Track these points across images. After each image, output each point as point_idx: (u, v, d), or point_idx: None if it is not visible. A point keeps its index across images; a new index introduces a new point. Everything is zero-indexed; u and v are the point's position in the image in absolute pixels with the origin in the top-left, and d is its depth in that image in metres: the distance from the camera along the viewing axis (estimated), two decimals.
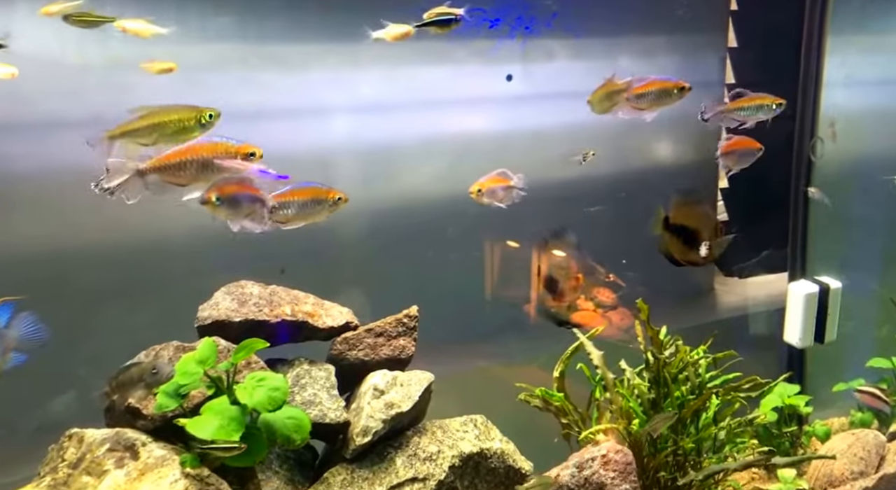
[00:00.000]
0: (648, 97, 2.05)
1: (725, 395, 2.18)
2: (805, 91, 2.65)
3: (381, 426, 1.79)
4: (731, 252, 2.96)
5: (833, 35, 2.66)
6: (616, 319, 2.82)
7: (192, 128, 1.64)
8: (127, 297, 2.03)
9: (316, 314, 1.86)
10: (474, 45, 2.50)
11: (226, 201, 1.61)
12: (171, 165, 1.58)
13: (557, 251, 2.52)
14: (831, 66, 2.68)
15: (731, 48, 2.89)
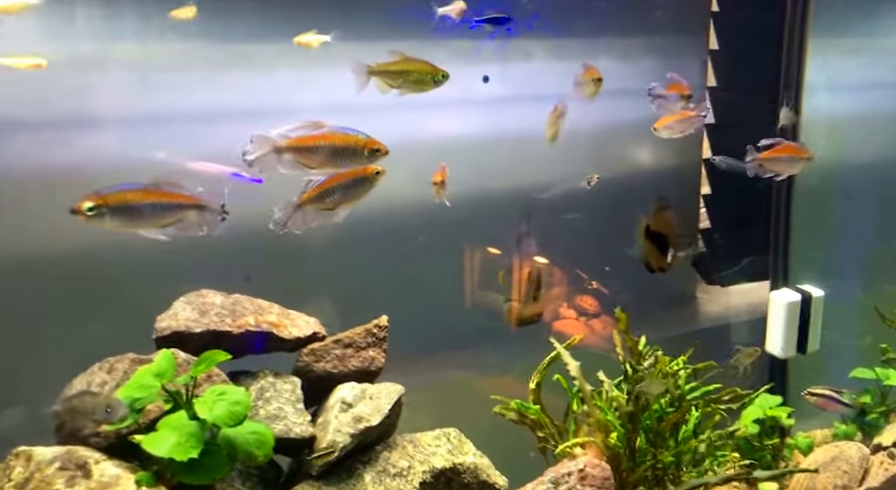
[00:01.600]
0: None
1: (705, 407, 2.22)
2: (786, 95, 2.71)
3: (349, 441, 1.80)
4: (713, 260, 3.04)
5: (815, 37, 2.72)
6: (598, 328, 2.86)
7: (427, 82, 1.92)
8: (80, 306, 2.01)
9: (281, 324, 1.87)
10: (452, 45, 2.52)
11: (110, 211, 1.58)
12: (305, 147, 1.73)
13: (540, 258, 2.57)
14: (813, 68, 2.74)
15: (712, 50, 2.94)
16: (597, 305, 2.85)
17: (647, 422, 2.15)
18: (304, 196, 1.77)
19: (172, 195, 1.63)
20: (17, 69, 1.76)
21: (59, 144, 1.95)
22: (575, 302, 2.84)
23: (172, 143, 2.12)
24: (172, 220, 1.63)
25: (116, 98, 2.04)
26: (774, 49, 2.77)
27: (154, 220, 1.61)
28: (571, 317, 2.85)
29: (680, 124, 2.30)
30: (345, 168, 1.78)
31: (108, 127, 2.06)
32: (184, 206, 1.64)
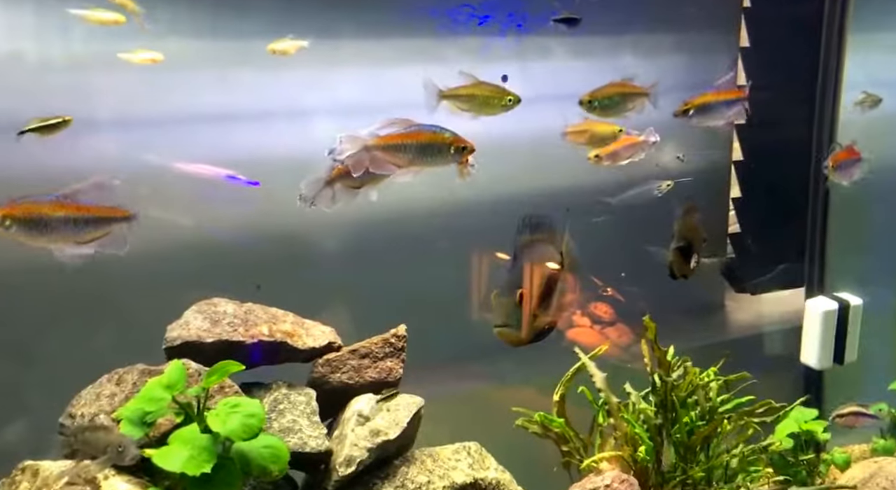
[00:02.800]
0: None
1: (738, 421, 2.19)
2: (824, 93, 2.66)
3: (367, 455, 1.78)
4: (743, 266, 3.00)
5: (854, 32, 2.66)
6: (614, 336, 2.82)
7: (496, 105, 2.00)
8: (88, 315, 2.01)
9: (295, 334, 1.86)
10: (465, 43, 2.50)
11: (17, 223, 1.52)
12: (393, 145, 1.78)
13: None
14: (851, 65, 2.69)
15: (743, 47, 2.90)
16: (612, 313, 2.82)
17: (677, 435, 2.13)
18: (334, 172, 1.80)
19: (90, 208, 1.56)
20: (134, 64, 1.84)
21: (60, 146, 1.95)
22: (589, 309, 2.80)
23: (177, 145, 2.12)
24: (93, 236, 1.56)
25: (122, 98, 2.04)
26: (809, 45, 2.72)
27: (69, 235, 1.54)
28: (585, 325, 2.82)
29: (627, 150, 2.21)
30: (431, 166, 1.82)
31: (111, 128, 2.05)
32: (103, 220, 1.57)
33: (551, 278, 1.58)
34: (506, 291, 1.45)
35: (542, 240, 1.64)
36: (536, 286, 1.56)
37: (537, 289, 1.56)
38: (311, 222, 2.36)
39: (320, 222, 2.37)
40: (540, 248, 1.66)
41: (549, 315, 1.57)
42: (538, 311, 1.53)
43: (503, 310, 1.46)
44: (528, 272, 1.58)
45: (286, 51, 1.98)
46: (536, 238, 1.65)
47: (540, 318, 1.51)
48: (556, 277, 1.65)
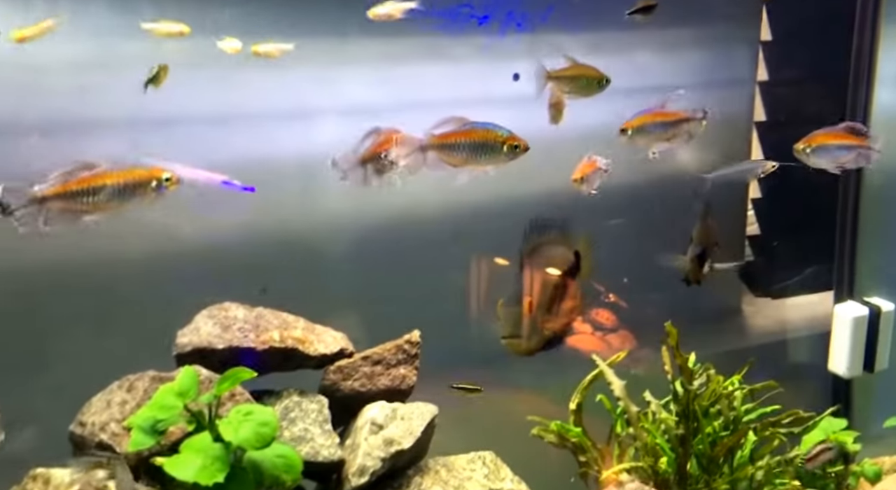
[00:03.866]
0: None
1: (763, 431, 2.23)
2: (856, 89, 2.67)
3: (380, 465, 1.84)
4: (763, 269, 3.03)
5: (889, 24, 2.65)
6: (616, 343, 2.86)
7: (594, 87, 2.11)
8: (97, 320, 2.08)
9: (307, 340, 1.93)
10: (475, 42, 2.56)
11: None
12: (448, 144, 1.87)
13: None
14: (884, 60, 2.68)
15: (764, 42, 2.93)
16: (614, 319, 2.85)
17: (700, 446, 2.18)
18: (367, 152, 1.90)
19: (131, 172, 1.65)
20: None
21: (61, 147, 2.02)
22: (590, 316, 2.84)
23: (178, 146, 2.17)
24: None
25: (124, 99, 2.10)
26: (835, 40, 2.73)
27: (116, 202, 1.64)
28: (586, 332, 2.86)
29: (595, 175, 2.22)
30: (485, 164, 1.91)
31: (112, 129, 2.12)
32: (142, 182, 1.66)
33: (560, 284, 1.59)
34: (513, 300, 1.48)
35: (551, 243, 1.66)
36: (544, 293, 1.58)
37: (545, 296, 1.57)
38: (318, 224, 2.41)
39: (327, 224, 2.43)
40: (548, 252, 1.67)
41: (558, 323, 1.59)
42: (547, 319, 1.55)
43: (510, 320, 1.48)
44: (535, 279, 1.59)
45: (270, 53, 2.03)
46: (545, 242, 1.67)
47: (549, 326, 1.53)
48: (566, 283, 1.66)
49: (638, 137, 2.15)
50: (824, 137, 2.24)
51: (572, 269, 1.62)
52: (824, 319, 2.78)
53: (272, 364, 1.90)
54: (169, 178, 1.69)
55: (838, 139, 2.24)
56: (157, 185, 1.68)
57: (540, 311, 1.48)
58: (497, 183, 2.22)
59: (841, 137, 2.25)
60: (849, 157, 2.26)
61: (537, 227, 1.71)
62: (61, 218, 1.62)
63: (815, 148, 2.22)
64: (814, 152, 2.22)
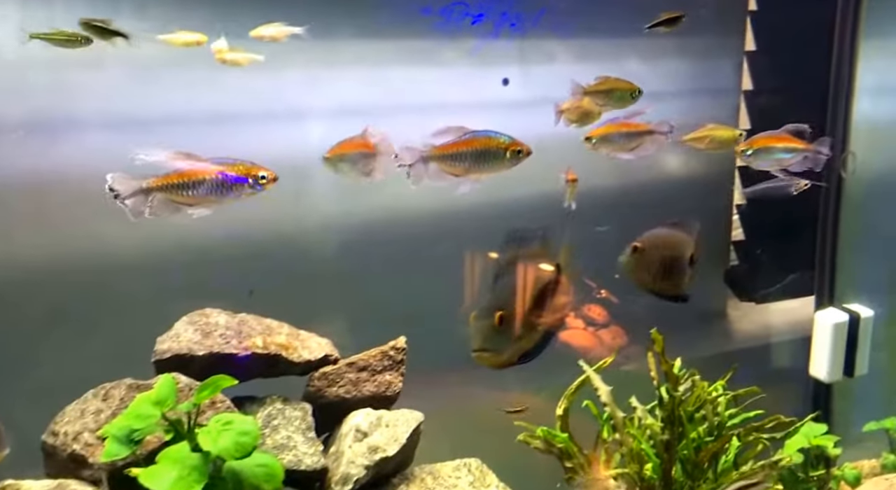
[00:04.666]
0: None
1: (747, 436, 2.14)
2: (836, 100, 2.62)
3: (364, 473, 1.74)
4: (747, 275, 2.95)
5: (867, 37, 2.62)
6: (607, 338, 2.78)
7: (627, 98, 2.06)
8: (73, 326, 1.95)
9: (291, 346, 1.80)
10: (464, 46, 2.47)
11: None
12: (448, 155, 1.81)
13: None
14: (863, 71, 2.65)
15: (748, 52, 2.87)
16: (605, 315, 2.78)
17: (685, 452, 2.08)
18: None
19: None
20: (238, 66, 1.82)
21: (49, 147, 1.90)
22: (582, 311, 2.77)
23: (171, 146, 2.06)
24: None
25: (112, 99, 1.99)
26: (818, 50, 2.69)
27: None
28: (579, 327, 2.79)
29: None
30: (488, 172, 1.83)
31: (102, 128, 2.00)
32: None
33: (539, 297, 1.44)
34: (484, 313, 1.33)
35: (529, 256, 1.51)
36: (520, 306, 1.43)
37: (521, 308, 1.43)
38: (307, 226, 2.31)
39: (317, 226, 2.33)
40: (526, 265, 1.51)
41: (534, 337, 1.44)
42: (523, 333, 1.39)
43: (481, 333, 1.33)
44: (509, 292, 1.44)
45: (276, 37, 1.92)
46: (522, 254, 1.51)
47: (525, 340, 1.38)
48: (545, 296, 1.51)
49: (602, 145, 2.09)
50: (766, 140, 2.15)
51: (552, 282, 1.47)
52: (806, 324, 2.71)
53: (255, 371, 1.76)
54: (265, 176, 1.67)
55: (781, 142, 2.15)
56: (254, 183, 1.66)
57: (515, 323, 1.33)
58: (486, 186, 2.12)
59: (784, 140, 2.15)
60: (792, 160, 2.17)
61: (514, 238, 1.53)
62: (165, 208, 1.64)
63: (757, 150, 2.10)
64: (755, 155, 2.10)
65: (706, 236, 3.00)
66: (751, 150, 2.12)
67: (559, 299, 1.47)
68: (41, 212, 1.91)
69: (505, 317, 1.31)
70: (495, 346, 1.30)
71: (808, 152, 2.16)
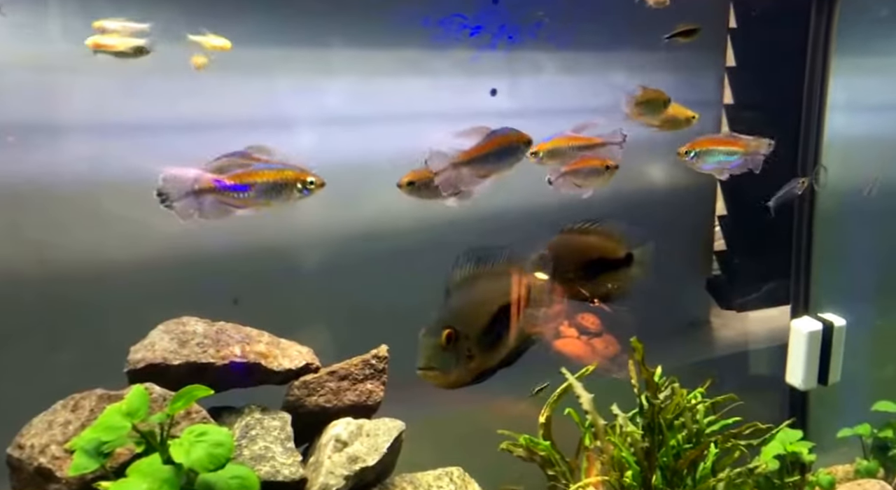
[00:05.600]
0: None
1: (725, 443, 2.03)
2: (808, 115, 2.54)
3: (343, 483, 1.60)
4: (729, 284, 2.85)
5: (838, 55, 2.55)
6: (600, 347, 2.67)
7: (661, 107, 2.02)
8: (43, 334, 1.80)
9: (270, 355, 1.66)
10: (455, 56, 2.35)
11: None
12: (478, 158, 1.71)
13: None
14: (835, 88, 2.58)
15: (729, 67, 2.79)
16: (598, 324, 2.67)
17: (664, 459, 1.95)
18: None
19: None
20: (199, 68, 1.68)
21: (29, 153, 1.76)
22: (576, 320, 2.67)
23: (157, 153, 1.93)
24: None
25: (100, 104, 1.85)
26: (794, 67, 2.61)
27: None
28: (572, 336, 2.68)
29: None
30: (509, 168, 1.75)
31: (85, 135, 1.87)
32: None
33: (497, 317, 1.25)
34: (432, 330, 1.18)
35: (489, 274, 1.31)
36: (476, 324, 1.23)
37: (477, 327, 1.23)
38: (292, 236, 2.18)
39: (302, 237, 2.20)
40: (486, 283, 1.31)
41: (492, 357, 1.24)
42: (476, 352, 1.20)
43: (427, 351, 1.16)
44: (464, 309, 1.24)
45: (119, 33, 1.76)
46: (482, 273, 1.32)
47: (477, 360, 1.19)
48: (506, 315, 1.30)
49: (549, 159, 1.95)
50: (708, 142, 2.04)
51: (518, 301, 1.30)
52: (785, 333, 2.62)
53: (233, 380, 1.61)
54: (313, 181, 1.59)
55: (722, 144, 2.05)
56: (302, 187, 1.58)
57: (465, 343, 1.16)
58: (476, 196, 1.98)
59: (725, 143, 2.05)
60: (733, 162, 2.07)
61: (471, 256, 1.35)
62: (215, 210, 1.53)
63: (699, 152, 2.00)
64: (697, 157, 1.99)
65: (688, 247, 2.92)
66: (693, 152, 2.00)
67: (526, 318, 1.29)
68: (19, 219, 1.76)
69: (453, 335, 1.14)
70: (441, 365, 1.13)
71: (747, 154, 2.06)
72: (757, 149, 2.02)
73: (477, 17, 2.33)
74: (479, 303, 1.21)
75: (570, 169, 1.99)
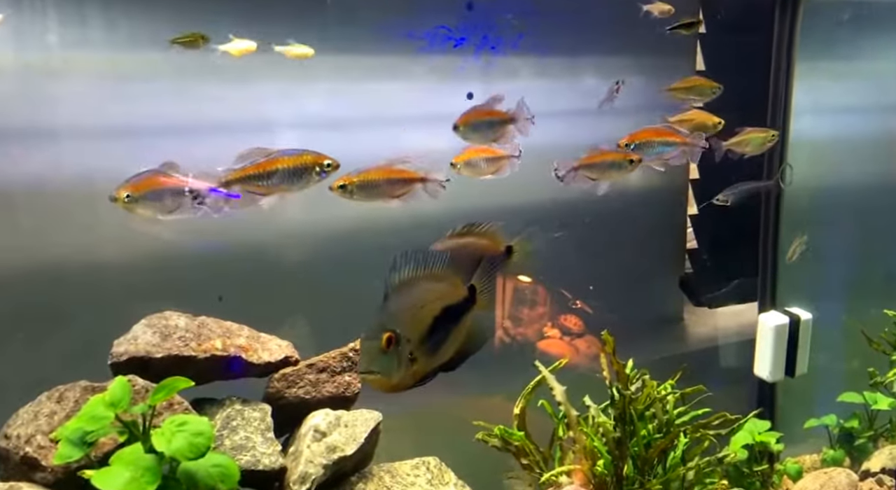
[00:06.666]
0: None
1: (694, 433, 2.09)
2: (774, 117, 2.62)
3: (322, 472, 1.65)
4: (700, 281, 2.92)
5: (801, 60, 2.63)
6: (583, 347, 2.73)
7: (708, 93, 2.21)
8: (28, 328, 1.84)
9: (251, 348, 1.71)
10: (433, 62, 2.41)
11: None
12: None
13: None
14: (799, 92, 2.66)
15: (699, 71, 2.86)
16: (581, 325, 2.73)
17: (635, 448, 2.01)
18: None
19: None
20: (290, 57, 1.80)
21: (18, 156, 1.80)
22: (559, 321, 2.73)
23: (141, 157, 1.97)
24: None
25: (81, 109, 1.89)
26: (761, 71, 2.69)
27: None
28: (556, 336, 2.74)
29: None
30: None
31: (71, 139, 1.91)
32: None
33: (440, 319, 1.22)
34: (372, 334, 1.14)
35: (430, 276, 1.28)
36: (418, 328, 1.20)
37: (419, 330, 1.20)
38: (275, 235, 2.23)
39: (284, 235, 2.25)
40: (426, 283, 1.27)
41: (435, 360, 1.22)
42: (419, 355, 1.18)
43: (367, 354, 1.13)
44: (403, 313, 1.21)
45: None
46: (422, 276, 1.28)
47: (421, 363, 1.15)
48: (450, 318, 1.26)
49: (466, 170, 2.07)
50: (647, 134, 2.10)
51: (463, 304, 1.27)
52: (752, 327, 2.68)
53: (214, 372, 1.66)
54: (329, 163, 1.68)
55: (661, 136, 2.11)
56: (320, 170, 1.68)
57: (407, 346, 1.14)
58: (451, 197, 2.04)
59: (664, 134, 2.12)
60: (673, 154, 2.14)
61: (410, 258, 1.31)
62: (242, 199, 1.64)
63: (639, 144, 2.06)
64: (637, 148, 2.05)
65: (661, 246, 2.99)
66: (633, 143, 2.07)
67: (473, 322, 1.27)
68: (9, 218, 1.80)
69: (393, 339, 1.12)
70: (382, 368, 1.11)
71: (685, 145, 2.13)
72: (695, 140, 2.08)
73: (459, 29, 2.40)
74: (420, 305, 1.20)
75: (585, 162, 2.06)
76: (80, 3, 1.80)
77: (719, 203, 2.40)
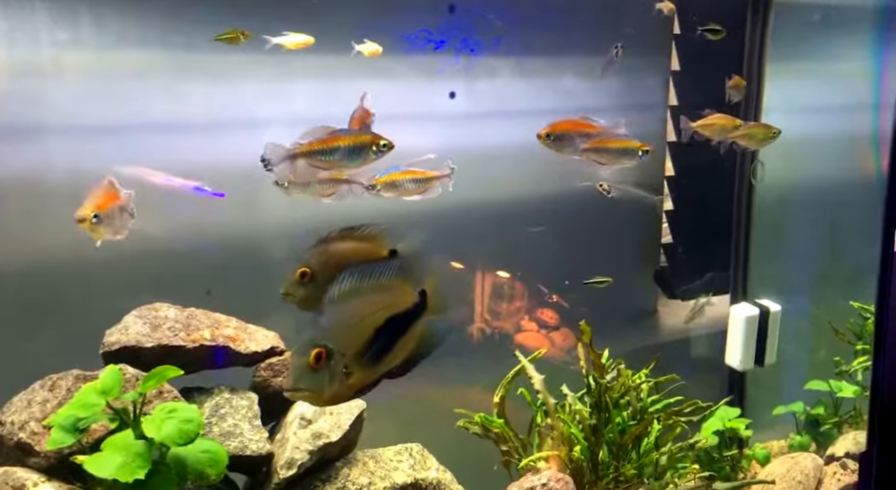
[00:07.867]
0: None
1: (667, 420, 2.16)
2: (747, 115, 2.70)
3: (308, 458, 1.70)
4: (673, 275, 3.00)
5: (772, 61, 2.71)
6: (559, 340, 2.79)
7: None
8: (22, 319, 1.87)
9: (238, 338, 1.76)
10: (415, 61, 2.45)
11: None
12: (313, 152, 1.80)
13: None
14: (770, 91, 2.73)
15: (674, 71, 2.92)
16: (557, 318, 2.79)
17: (610, 435, 2.08)
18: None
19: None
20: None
21: (8, 154, 1.82)
22: (536, 314, 2.78)
23: (129, 156, 2.00)
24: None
25: (70, 107, 1.92)
26: (734, 70, 2.76)
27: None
28: (532, 329, 2.80)
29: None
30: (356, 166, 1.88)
31: (61, 137, 1.93)
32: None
33: (383, 330, 1.14)
34: (301, 349, 1.05)
35: (377, 287, 1.19)
36: (355, 342, 1.12)
37: (356, 344, 1.12)
38: (263, 230, 2.27)
39: (269, 232, 2.28)
40: (370, 295, 1.18)
41: (374, 371, 1.14)
42: (355, 368, 1.10)
43: (295, 371, 1.03)
44: (337, 327, 1.13)
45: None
46: (367, 286, 1.18)
47: (357, 376, 1.06)
48: (391, 328, 1.17)
49: (387, 191, 2.05)
50: (565, 125, 2.09)
51: (412, 311, 1.19)
52: (723, 319, 2.75)
53: (203, 362, 1.70)
54: (385, 143, 1.77)
55: (579, 127, 2.10)
56: (377, 150, 1.77)
57: (340, 362, 1.05)
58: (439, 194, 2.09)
59: (582, 126, 2.10)
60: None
61: (353, 271, 1.17)
62: (305, 172, 1.76)
63: (557, 135, 2.08)
64: (556, 140, 2.08)
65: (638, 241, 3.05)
66: (553, 136, 2.07)
67: (425, 327, 1.20)
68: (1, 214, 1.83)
69: (323, 354, 1.06)
70: (311, 385, 1.03)
71: (603, 135, 2.11)
72: (613, 131, 2.09)
73: (440, 31, 2.44)
74: (360, 318, 1.10)
75: (594, 145, 2.08)
76: (70, 2, 1.83)
77: (601, 191, 2.46)
